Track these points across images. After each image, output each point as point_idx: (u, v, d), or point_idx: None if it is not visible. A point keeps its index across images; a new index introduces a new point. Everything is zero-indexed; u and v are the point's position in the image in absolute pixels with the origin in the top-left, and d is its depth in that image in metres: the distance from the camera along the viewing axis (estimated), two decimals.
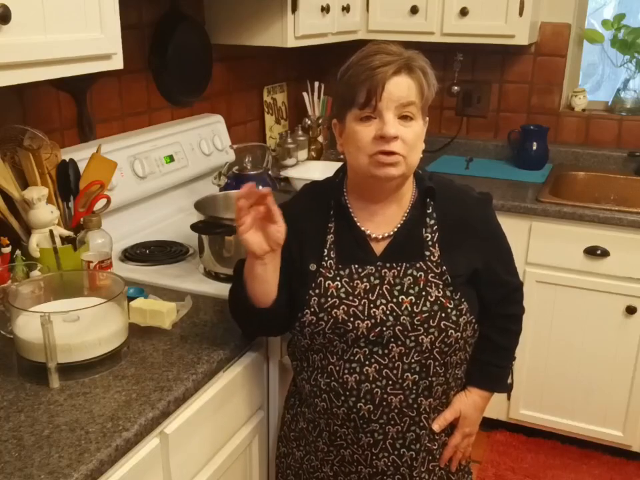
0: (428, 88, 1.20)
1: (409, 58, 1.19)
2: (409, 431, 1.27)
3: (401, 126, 1.17)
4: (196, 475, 1.31)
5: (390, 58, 1.17)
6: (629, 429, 2.42)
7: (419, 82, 1.18)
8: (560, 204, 2.32)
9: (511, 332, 1.41)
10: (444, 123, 3.04)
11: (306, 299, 1.25)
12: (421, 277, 1.23)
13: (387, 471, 1.30)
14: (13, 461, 0.99)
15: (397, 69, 1.16)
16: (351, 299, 1.23)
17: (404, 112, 1.17)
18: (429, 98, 1.22)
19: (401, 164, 1.19)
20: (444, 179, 1.35)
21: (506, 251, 1.38)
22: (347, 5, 2.47)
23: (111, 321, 1.26)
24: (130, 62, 1.46)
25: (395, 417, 1.25)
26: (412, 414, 1.26)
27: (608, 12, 2.95)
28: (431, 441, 1.32)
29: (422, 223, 1.26)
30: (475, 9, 2.49)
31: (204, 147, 2.20)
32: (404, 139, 1.17)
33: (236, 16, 2.26)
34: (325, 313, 1.23)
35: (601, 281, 2.31)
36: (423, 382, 1.25)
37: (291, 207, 1.31)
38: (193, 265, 1.72)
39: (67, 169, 1.56)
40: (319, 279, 1.25)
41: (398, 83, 1.17)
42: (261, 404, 1.56)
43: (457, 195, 1.32)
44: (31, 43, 1.13)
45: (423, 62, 1.21)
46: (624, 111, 2.80)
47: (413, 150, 1.19)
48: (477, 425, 1.43)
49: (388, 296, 1.22)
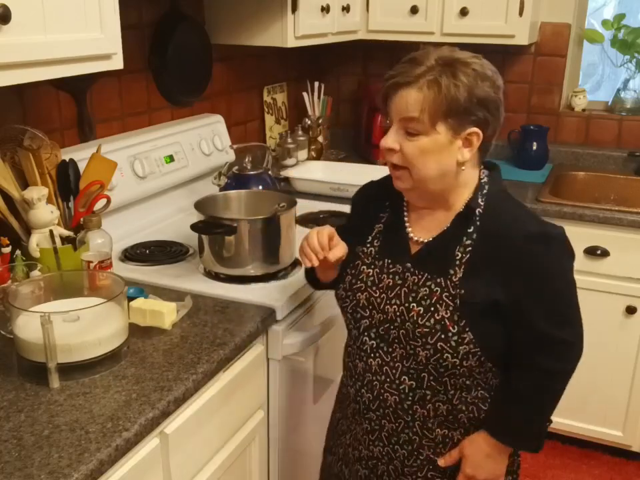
0: (450, 97, 1.12)
1: (432, 67, 1.14)
2: (403, 432, 1.30)
3: (405, 139, 1.17)
4: (196, 474, 1.31)
5: (407, 68, 1.15)
6: (629, 429, 2.42)
7: (432, 95, 1.12)
8: (560, 204, 2.32)
9: (541, 387, 1.23)
10: None
11: (343, 275, 1.33)
12: (437, 292, 1.21)
13: (381, 458, 1.35)
14: (13, 461, 0.99)
15: (405, 81, 1.14)
16: (374, 289, 1.27)
17: (406, 127, 1.16)
18: (459, 105, 1.13)
19: (404, 177, 1.20)
20: (506, 198, 1.26)
21: (552, 296, 1.21)
22: (347, 5, 2.47)
23: (111, 321, 1.26)
24: (130, 62, 1.46)
25: (390, 414, 1.29)
26: (407, 418, 1.28)
27: (608, 12, 2.95)
28: (430, 449, 1.30)
29: (458, 239, 1.22)
30: (475, 9, 2.49)
31: (204, 146, 2.20)
32: (403, 153, 1.17)
33: (236, 16, 2.26)
34: (352, 293, 1.29)
35: (601, 281, 2.31)
36: (420, 391, 1.25)
37: (369, 188, 1.39)
38: (193, 264, 1.72)
39: (66, 169, 1.56)
40: (357, 262, 1.31)
41: (401, 97, 1.15)
42: (260, 404, 1.56)
43: (508, 221, 1.21)
44: (30, 42, 1.13)
45: (457, 69, 1.13)
46: (624, 111, 2.80)
47: (417, 165, 1.17)
48: (484, 470, 1.28)
49: (403, 299, 1.24)
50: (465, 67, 1.15)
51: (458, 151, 1.17)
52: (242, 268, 1.62)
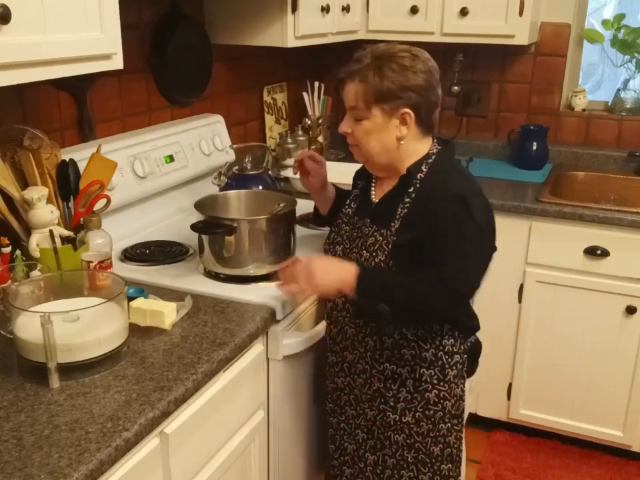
0: (381, 84, 1.37)
1: (365, 63, 1.39)
2: (359, 362, 1.56)
3: (354, 124, 1.45)
4: (196, 474, 1.31)
5: (349, 67, 1.42)
6: (629, 429, 2.42)
7: (367, 85, 1.39)
8: (560, 204, 2.32)
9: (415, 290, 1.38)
10: (444, 123, 3.04)
11: (329, 231, 1.63)
12: (380, 240, 1.46)
13: (343, 389, 1.63)
14: (13, 461, 0.99)
15: (344, 77, 1.43)
16: (347, 242, 1.55)
17: (353, 114, 1.45)
18: (389, 91, 1.38)
19: (357, 153, 1.50)
20: (449, 167, 1.48)
21: (443, 244, 1.37)
22: (347, 4, 2.47)
23: (111, 321, 1.26)
24: (130, 62, 1.45)
25: (349, 345, 1.56)
26: (361, 349, 1.54)
27: (608, 12, 2.95)
28: (380, 381, 1.52)
29: (400, 198, 1.45)
30: (475, 9, 2.49)
31: (204, 147, 2.20)
32: (354, 135, 1.46)
33: (236, 16, 2.26)
34: (332, 246, 1.58)
35: (601, 281, 2.31)
36: (371, 324, 1.49)
37: (362, 167, 1.62)
38: (193, 264, 1.72)
39: (66, 169, 1.56)
40: (339, 220, 1.60)
41: (346, 90, 1.44)
42: (260, 404, 1.56)
43: (440, 183, 1.42)
44: (30, 42, 1.13)
45: (387, 60, 1.38)
46: (624, 111, 2.80)
47: (364, 142, 1.45)
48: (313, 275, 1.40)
49: (359, 247, 1.51)
50: (392, 62, 1.38)
51: (396, 128, 1.42)
52: (242, 268, 1.62)
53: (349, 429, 1.66)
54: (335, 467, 1.74)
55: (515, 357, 2.51)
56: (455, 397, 1.51)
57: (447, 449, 1.54)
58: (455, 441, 1.54)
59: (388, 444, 1.57)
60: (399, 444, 1.55)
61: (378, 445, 1.60)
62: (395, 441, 1.55)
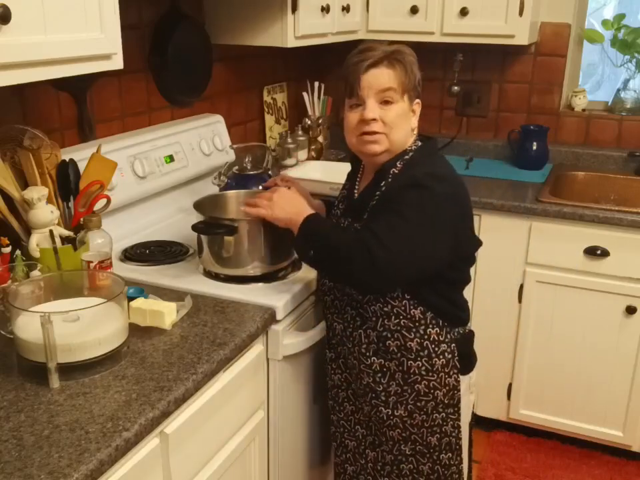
0: (406, 74, 1.42)
1: (387, 52, 1.42)
2: (348, 358, 1.57)
3: (382, 109, 1.43)
4: (196, 474, 1.31)
5: (369, 54, 1.42)
6: (629, 429, 2.42)
7: (396, 71, 1.41)
8: (560, 204, 2.32)
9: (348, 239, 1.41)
10: (444, 123, 3.04)
11: None
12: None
13: (340, 385, 1.65)
14: (13, 461, 0.99)
15: (372, 62, 1.41)
16: None
17: (384, 97, 1.42)
18: (412, 81, 1.44)
19: (382, 140, 1.45)
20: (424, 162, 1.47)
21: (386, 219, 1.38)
22: (347, 5, 2.47)
23: (111, 321, 1.26)
24: (130, 62, 1.46)
25: (339, 341, 1.59)
26: (349, 345, 1.55)
27: (608, 12, 2.95)
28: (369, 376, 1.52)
29: (373, 193, 1.47)
30: (475, 9, 2.49)
31: (204, 147, 2.20)
32: (384, 120, 1.43)
33: (236, 16, 2.26)
34: None
35: (601, 281, 2.31)
36: (358, 319, 1.51)
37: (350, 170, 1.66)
38: (193, 264, 1.72)
39: (66, 169, 1.56)
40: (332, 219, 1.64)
41: (376, 74, 1.42)
42: (261, 404, 1.56)
43: (408, 175, 1.43)
44: (31, 42, 1.12)
45: (403, 54, 1.43)
46: (624, 111, 2.80)
47: (395, 128, 1.44)
48: (274, 202, 1.53)
49: None
50: (406, 55, 1.44)
51: (413, 118, 1.49)
52: (241, 268, 1.62)
53: (349, 425, 1.66)
54: (338, 465, 1.74)
55: (515, 357, 2.51)
56: (447, 387, 1.50)
57: (445, 438, 1.54)
58: (452, 430, 1.53)
59: (384, 440, 1.57)
60: (395, 439, 1.55)
61: (376, 441, 1.61)
62: (390, 437, 1.55)
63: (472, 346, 1.60)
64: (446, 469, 1.56)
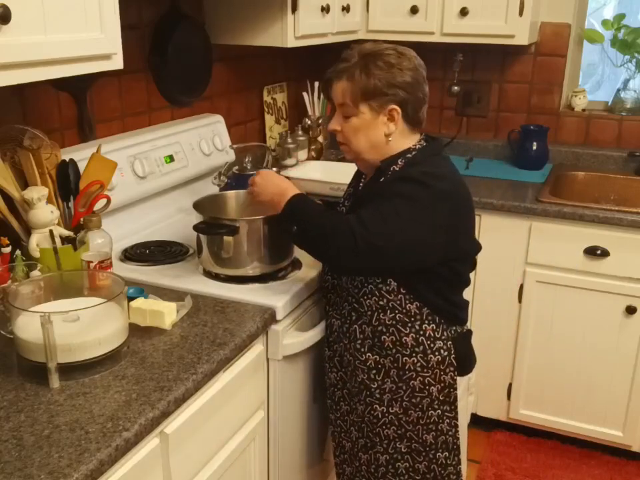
0: (368, 82, 1.41)
1: (353, 61, 1.43)
2: (344, 355, 1.58)
3: (344, 121, 1.48)
4: (196, 474, 1.31)
5: (338, 66, 1.46)
6: (629, 429, 2.42)
7: (353, 82, 1.42)
8: (560, 204, 2.32)
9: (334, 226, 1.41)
10: (444, 123, 3.04)
11: None
12: None
13: (336, 384, 1.65)
14: (13, 461, 0.99)
15: (333, 76, 1.47)
16: None
17: (342, 112, 1.48)
18: (377, 88, 1.41)
19: (346, 151, 1.54)
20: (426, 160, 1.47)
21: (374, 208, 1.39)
22: (347, 5, 2.47)
23: (111, 321, 1.26)
24: (130, 62, 1.46)
25: (335, 338, 1.60)
26: (345, 341, 1.56)
27: (608, 12, 2.95)
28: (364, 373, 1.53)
29: (372, 185, 1.50)
30: (475, 9, 2.49)
31: (204, 147, 2.20)
32: (343, 132, 1.50)
33: (236, 16, 2.26)
34: None
35: (601, 281, 2.31)
36: (354, 314, 1.52)
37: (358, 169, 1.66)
38: (193, 264, 1.72)
39: (66, 169, 1.56)
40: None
41: (335, 89, 1.48)
42: (260, 404, 1.56)
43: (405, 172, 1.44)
44: (31, 42, 1.12)
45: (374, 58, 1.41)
46: (624, 111, 2.80)
47: (353, 139, 1.48)
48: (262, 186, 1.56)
49: None
50: (378, 59, 1.42)
51: (384, 125, 1.45)
52: (241, 268, 1.62)
53: (345, 425, 1.66)
54: (337, 465, 1.74)
55: (515, 357, 2.51)
56: (442, 383, 1.49)
57: (441, 437, 1.53)
58: (448, 429, 1.53)
59: (378, 440, 1.56)
60: (390, 437, 1.55)
61: (368, 444, 1.59)
62: (385, 435, 1.55)
63: (470, 346, 1.59)
64: (443, 469, 1.56)
